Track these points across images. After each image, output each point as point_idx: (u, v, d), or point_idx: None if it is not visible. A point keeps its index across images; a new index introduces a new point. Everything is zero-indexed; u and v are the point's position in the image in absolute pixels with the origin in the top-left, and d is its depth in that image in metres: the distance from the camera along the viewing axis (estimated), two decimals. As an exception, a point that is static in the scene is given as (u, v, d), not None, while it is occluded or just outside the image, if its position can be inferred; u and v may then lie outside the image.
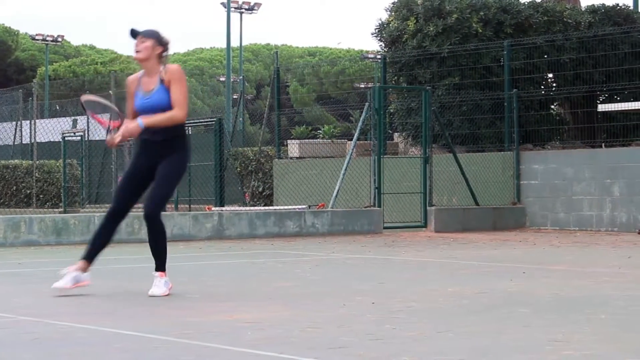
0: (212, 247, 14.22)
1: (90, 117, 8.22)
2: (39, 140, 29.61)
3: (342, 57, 66.16)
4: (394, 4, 22.10)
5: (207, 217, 16.11)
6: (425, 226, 18.15)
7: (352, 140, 19.03)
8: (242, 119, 30.49)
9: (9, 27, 64.10)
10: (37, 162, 29.03)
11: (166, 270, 7.85)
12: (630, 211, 18.11)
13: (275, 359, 5.02)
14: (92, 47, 73.72)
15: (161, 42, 7.90)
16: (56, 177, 28.43)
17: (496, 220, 19.05)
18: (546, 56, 21.01)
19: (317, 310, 6.92)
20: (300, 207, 17.71)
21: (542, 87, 22.12)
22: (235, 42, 52.95)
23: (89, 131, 30.21)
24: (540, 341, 5.49)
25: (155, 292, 7.71)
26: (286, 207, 18.21)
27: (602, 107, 20.49)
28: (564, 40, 20.79)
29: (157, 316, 6.72)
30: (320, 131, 25.63)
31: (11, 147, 33.69)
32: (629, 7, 24.18)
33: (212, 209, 18.34)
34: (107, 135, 7.97)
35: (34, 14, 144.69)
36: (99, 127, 11.68)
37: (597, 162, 18.63)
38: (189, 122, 17.57)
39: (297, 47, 75.74)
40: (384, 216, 17.76)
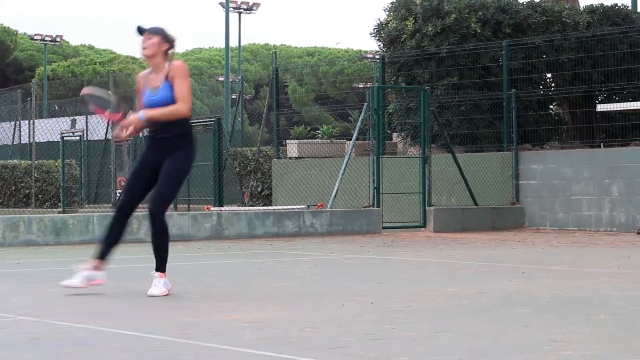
0: (211, 247, 14.22)
1: (92, 110, 8.26)
2: (37, 140, 29.59)
3: (341, 57, 66.13)
4: (392, 4, 22.08)
5: (206, 217, 16.11)
6: (424, 226, 18.15)
7: (351, 140, 19.03)
8: (240, 119, 30.46)
9: (8, 27, 64.04)
10: (36, 162, 29.01)
11: (166, 271, 7.86)
12: (629, 211, 18.11)
13: (274, 358, 5.02)
14: (90, 47, 73.65)
15: (167, 39, 7.96)
16: (55, 177, 28.41)
17: (495, 220, 19.05)
18: (545, 56, 21.00)
19: (316, 310, 6.92)
20: (299, 207, 17.70)
21: (541, 87, 22.11)
22: (233, 42, 52.84)
23: (87, 131, 30.21)
24: (539, 341, 5.49)
25: (154, 292, 7.71)
26: (285, 207, 18.20)
27: (600, 107, 20.47)
28: (563, 40, 20.78)
29: (157, 316, 6.73)
30: (319, 131, 25.63)
31: (10, 147, 33.66)
32: (628, 7, 24.16)
33: (211, 209, 18.33)
34: (111, 129, 8.06)
35: (33, 14, 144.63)
36: (101, 120, 11.71)
37: (595, 162, 18.63)
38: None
39: (295, 47, 75.72)
40: (383, 216, 17.76)
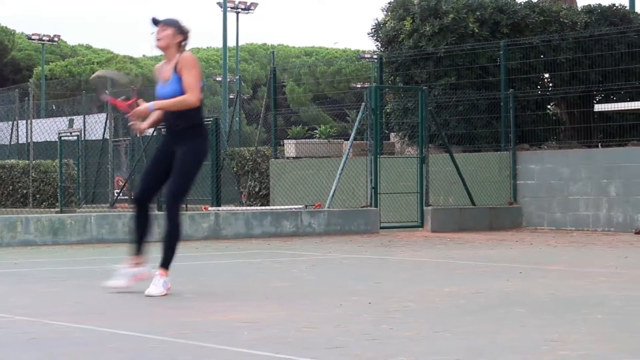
0: (209, 247, 14.21)
1: (102, 98, 8.36)
2: (35, 140, 29.56)
3: (339, 57, 66.14)
4: (390, 4, 22.08)
5: (203, 217, 16.11)
6: (421, 226, 18.15)
7: (348, 140, 19.02)
8: (238, 119, 30.41)
9: (6, 27, 64.00)
10: (34, 162, 28.96)
11: (169, 270, 7.83)
12: (626, 211, 18.12)
13: (271, 358, 5.02)
14: (88, 47, 73.65)
15: (181, 31, 8.02)
16: (53, 177, 28.37)
17: (493, 220, 19.05)
18: (542, 56, 21.01)
19: (314, 310, 6.92)
20: (296, 207, 17.70)
21: (539, 87, 22.12)
22: (231, 42, 52.68)
23: (85, 131, 30.20)
24: (536, 341, 5.49)
25: (152, 292, 7.68)
26: (283, 207, 18.20)
27: (598, 107, 20.48)
28: (561, 40, 20.79)
29: (154, 316, 6.73)
30: (316, 131, 25.64)
31: (7, 147, 33.62)
32: (625, 7, 24.21)
33: (209, 208, 18.32)
34: (128, 120, 8.11)
35: (31, 14, 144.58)
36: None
37: (593, 162, 18.64)
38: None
39: (293, 47, 75.72)
40: (381, 216, 17.76)
